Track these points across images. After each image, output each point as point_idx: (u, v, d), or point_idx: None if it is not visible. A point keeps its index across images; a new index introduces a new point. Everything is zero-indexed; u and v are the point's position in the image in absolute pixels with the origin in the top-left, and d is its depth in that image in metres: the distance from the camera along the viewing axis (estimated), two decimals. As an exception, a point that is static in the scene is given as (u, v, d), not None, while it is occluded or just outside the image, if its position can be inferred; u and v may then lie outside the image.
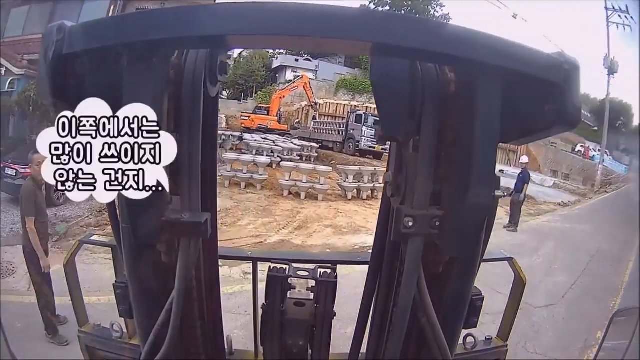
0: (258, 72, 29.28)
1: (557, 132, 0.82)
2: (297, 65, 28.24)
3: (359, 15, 0.68)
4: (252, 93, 28.39)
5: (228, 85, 28.88)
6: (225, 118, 23.50)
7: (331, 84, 26.48)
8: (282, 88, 24.74)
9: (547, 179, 18.36)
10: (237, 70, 29.61)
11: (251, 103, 26.05)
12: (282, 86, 25.95)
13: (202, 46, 0.90)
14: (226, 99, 27.10)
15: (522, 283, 1.74)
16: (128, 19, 0.71)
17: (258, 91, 27.96)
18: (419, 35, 0.70)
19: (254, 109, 23.63)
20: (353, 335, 1.40)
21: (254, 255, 1.82)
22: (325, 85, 26.50)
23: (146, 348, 0.96)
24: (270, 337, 1.38)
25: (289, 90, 23.48)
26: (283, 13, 0.69)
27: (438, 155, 0.88)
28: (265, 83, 29.21)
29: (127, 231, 0.87)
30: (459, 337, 1.13)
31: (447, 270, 0.97)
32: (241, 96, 28.27)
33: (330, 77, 27.03)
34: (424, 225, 0.86)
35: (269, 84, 28.82)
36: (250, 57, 29.49)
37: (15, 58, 13.28)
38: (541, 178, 18.13)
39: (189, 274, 1.01)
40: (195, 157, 0.91)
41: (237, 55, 29.82)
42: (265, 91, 27.20)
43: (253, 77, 29.08)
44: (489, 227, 0.94)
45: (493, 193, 0.86)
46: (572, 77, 0.75)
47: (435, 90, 0.87)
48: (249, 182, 12.91)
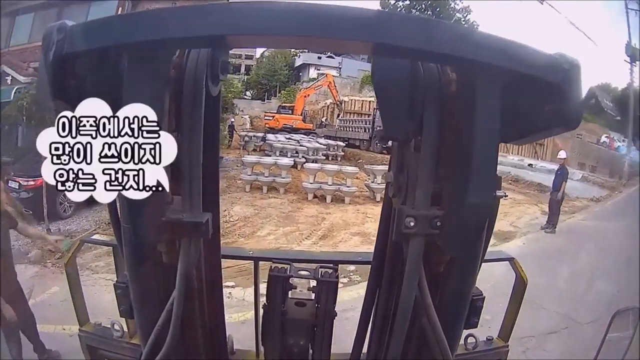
0: (281, 71, 28.80)
1: (558, 132, 0.82)
2: (319, 63, 27.75)
3: (360, 15, 0.68)
4: (275, 92, 27.91)
5: (251, 85, 28.80)
6: (249, 119, 23.28)
7: (355, 81, 26.07)
8: (306, 87, 24.46)
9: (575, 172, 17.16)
10: (259, 70, 29.34)
11: (275, 102, 25.74)
12: (305, 85, 25.68)
13: (203, 46, 0.90)
14: (250, 100, 26.95)
15: (524, 283, 1.74)
16: (128, 19, 0.71)
17: (281, 90, 27.45)
18: (420, 36, 0.70)
19: (278, 108, 23.33)
20: (355, 335, 1.40)
21: (255, 254, 1.82)
22: (349, 82, 26.16)
23: (147, 348, 0.96)
24: (272, 337, 1.38)
25: (313, 89, 23.14)
26: (284, 13, 0.68)
27: (439, 155, 0.88)
28: (289, 82, 28.56)
29: (128, 231, 0.87)
30: (460, 337, 1.13)
31: (448, 270, 0.97)
32: (264, 96, 27.92)
33: (354, 74, 26.55)
34: (425, 225, 0.86)
35: (292, 83, 28.50)
36: (273, 56, 29.13)
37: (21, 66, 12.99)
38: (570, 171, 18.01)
39: (189, 274, 1.02)
40: (197, 157, 0.91)
41: (259, 55, 29.67)
42: (288, 90, 26.90)
43: (276, 76, 28.62)
44: (489, 227, 0.94)
45: (494, 193, 0.86)
46: (572, 77, 0.75)
47: (436, 90, 0.86)
48: (271, 186, 12.08)
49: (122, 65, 0.77)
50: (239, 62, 28.91)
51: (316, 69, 27.46)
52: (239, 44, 0.84)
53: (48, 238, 4.60)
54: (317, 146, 16.83)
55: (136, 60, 0.75)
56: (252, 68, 29.89)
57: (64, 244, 7.47)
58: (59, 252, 7.23)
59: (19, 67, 13.05)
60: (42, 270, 6.84)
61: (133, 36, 0.70)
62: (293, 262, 1.48)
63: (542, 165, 17.11)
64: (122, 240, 0.91)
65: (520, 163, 17.27)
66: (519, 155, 18.70)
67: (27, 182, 8.37)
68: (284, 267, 1.43)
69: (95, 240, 1.93)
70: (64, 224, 8.88)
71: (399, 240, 0.92)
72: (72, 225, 8.93)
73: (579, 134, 20.32)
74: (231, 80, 25.06)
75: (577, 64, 0.76)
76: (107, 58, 0.77)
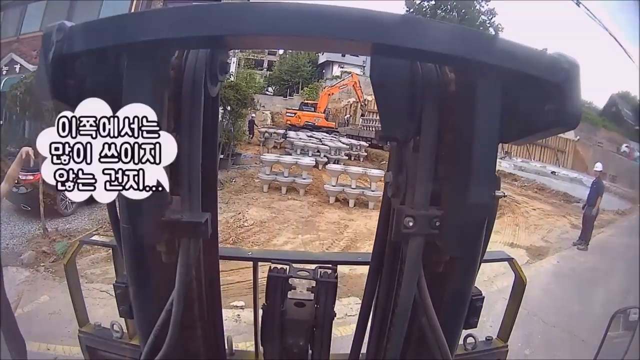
0: (304, 67, 28.56)
1: (557, 132, 0.82)
2: (343, 61, 27.34)
3: (359, 15, 0.69)
4: (297, 89, 27.75)
5: (273, 81, 28.58)
6: (270, 115, 23.01)
7: (380, 79, 26.02)
8: (330, 85, 24.06)
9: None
10: (282, 66, 29.16)
11: (297, 99, 25.62)
12: (328, 82, 25.40)
13: (202, 46, 0.90)
14: (271, 95, 26.74)
15: (523, 284, 1.74)
16: (128, 19, 0.72)
17: (304, 87, 27.37)
18: (419, 36, 0.70)
19: (300, 105, 23.03)
20: (353, 336, 1.40)
21: (254, 255, 1.82)
22: (374, 80, 26.11)
23: (146, 348, 0.96)
24: (271, 338, 1.38)
25: (338, 87, 22.72)
26: (283, 13, 0.69)
27: (438, 155, 0.88)
28: (311, 79, 28.48)
29: (127, 231, 0.87)
30: (459, 338, 1.13)
31: (447, 270, 0.97)
32: (287, 92, 27.69)
33: (378, 72, 26.52)
34: (424, 225, 0.86)
35: (315, 80, 28.17)
36: (296, 52, 28.72)
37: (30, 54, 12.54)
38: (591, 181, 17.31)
39: (189, 274, 1.01)
40: (196, 157, 0.91)
41: (282, 51, 29.14)
42: (311, 87, 26.69)
43: (299, 72, 28.39)
44: (489, 227, 0.94)
45: (493, 193, 0.86)
46: (572, 76, 0.75)
47: (435, 90, 0.87)
48: (290, 187, 11.45)
49: (121, 66, 0.77)
50: (262, 58, 28.72)
51: (340, 67, 27.12)
52: (238, 44, 0.85)
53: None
54: (340, 145, 16.30)
55: (135, 60, 0.75)
56: (274, 64, 29.69)
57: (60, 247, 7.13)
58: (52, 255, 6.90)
59: (28, 56, 12.67)
60: (33, 274, 6.38)
61: (132, 36, 0.70)
62: (292, 262, 1.48)
63: (564, 173, 16.80)
64: (121, 240, 0.91)
65: (543, 170, 17.04)
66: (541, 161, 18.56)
67: (26, 177, 7.58)
68: (283, 268, 1.43)
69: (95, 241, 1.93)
70: (64, 222, 8.29)
71: (398, 240, 0.93)
72: (72, 223, 8.35)
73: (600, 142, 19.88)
74: (252, 74, 24.87)
75: (577, 64, 0.76)
76: (107, 58, 0.77)
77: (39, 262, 6.69)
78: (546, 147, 19.47)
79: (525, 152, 19.20)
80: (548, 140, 18.72)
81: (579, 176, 16.37)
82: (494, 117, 0.78)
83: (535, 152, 19.53)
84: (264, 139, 17.35)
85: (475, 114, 0.77)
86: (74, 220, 8.41)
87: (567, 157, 19.07)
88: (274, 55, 29.49)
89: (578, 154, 18.59)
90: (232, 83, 13.69)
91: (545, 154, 19.34)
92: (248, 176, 12.37)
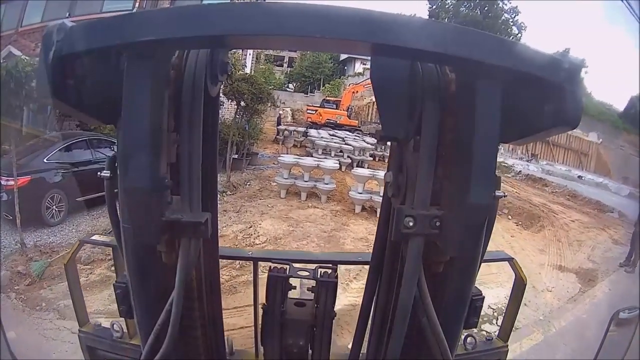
0: (325, 64, 27.77)
1: (558, 132, 0.82)
2: (366, 57, 26.75)
3: (359, 15, 0.68)
4: (319, 86, 26.97)
5: (294, 77, 28.03)
6: (291, 112, 22.25)
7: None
8: (355, 82, 23.11)
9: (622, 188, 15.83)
10: (303, 62, 28.50)
11: (318, 96, 24.87)
12: (350, 79, 24.79)
13: (203, 46, 0.90)
14: (292, 92, 26.16)
15: (523, 283, 1.74)
16: (128, 19, 0.71)
17: (326, 84, 26.71)
18: (418, 36, 0.70)
19: (322, 102, 22.11)
20: (353, 336, 1.39)
21: (254, 255, 1.82)
22: (397, 78, 25.61)
23: (146, 348, 0.96)
24: (271, 337, 1.38)
25: (362, 86, 21.45)
26: (283, 13, 0.69)
27: (438, 155, 0.88)
28: (333, 75, 27.82)
29: (127, 231, 0.87)
30: (460, 337, 1.13)
31: (448, 270, 0.97)
32: (308, 89, 27.01)
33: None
34: (424, 225, 0.86)
35: (337, 76, 27.57)
36: None
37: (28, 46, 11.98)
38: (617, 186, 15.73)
39: (189, 274, 1.02)
40: (196, 157, 0.91)
41: None
42: (333, 84, 26.16)
43: (320, 69, 27.67)
44: (489, 227, 0.94)
45: (493, 193, 0.86)
46: (573, 76, 0.75)
47: (436, 90, 0.87)
48: (311, 191, 10.19)
49: (121, 66, 0.77)
50: (282, 54, 28.24)
51: (362, 63, 26.16)
52: (239, 44, 0.84)
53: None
54: (364, 145, 15.00)
55: (136, 60, 0.75)
56: (295, 60, 29.20)
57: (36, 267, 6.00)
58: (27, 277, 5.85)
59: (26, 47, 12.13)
60: (3, 302, 5.17)
61: (133, 36, 0.70)
62: (292, 262, 1.48)
63: (590, 178, 16.01)
64: (121, 240, 0.91)
65: (569, 174, 16.44)
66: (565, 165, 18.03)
67: (7, 182, 6.66)
68: (283, 268, 1.43)
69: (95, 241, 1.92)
70: (48, 234, 6.90)
71: (398, 240, 0.93)
72: (57, 236, 6.92)
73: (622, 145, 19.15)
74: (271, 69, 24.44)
75: (578, 64, 0.76)
76: (107, 58, 0.77)
77: (12, 285, 5.57)
78: (569, 149, 18.93)
79: (550, 155, 18.82)
80: (571, 142, 18.30)
81: (604, 181, 15.78)
82: (495, 117, 0.77)
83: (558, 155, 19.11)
84: (284, 137, 16.38)
85: (475, 113, 0.77)
86: (60, 231, 7.14)
87: (590, 160, 18.42)
88: (295, 52, 28.77)
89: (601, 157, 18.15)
90: (247, 76, 11.73)
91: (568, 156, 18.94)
92: (264, 178, 11.24)
